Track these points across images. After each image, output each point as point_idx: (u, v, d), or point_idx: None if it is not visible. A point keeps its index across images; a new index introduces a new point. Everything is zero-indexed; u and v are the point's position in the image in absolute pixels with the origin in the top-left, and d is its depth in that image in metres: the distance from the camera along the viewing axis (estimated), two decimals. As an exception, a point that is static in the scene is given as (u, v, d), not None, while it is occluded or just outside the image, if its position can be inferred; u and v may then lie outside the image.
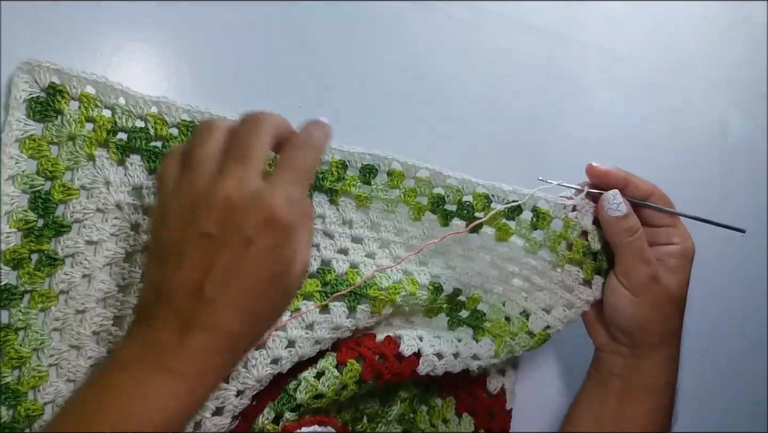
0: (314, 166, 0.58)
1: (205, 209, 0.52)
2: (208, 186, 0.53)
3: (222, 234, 0.52)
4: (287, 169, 0.55)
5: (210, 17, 0.74)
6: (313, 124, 0.59)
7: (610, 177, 0.73)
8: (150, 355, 0.52)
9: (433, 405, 0.82)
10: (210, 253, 0.52)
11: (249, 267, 0.52)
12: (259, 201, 0.52)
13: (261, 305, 0.54)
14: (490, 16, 0.88)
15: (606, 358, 0.78)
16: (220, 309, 0.52)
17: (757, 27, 1.08)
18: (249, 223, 0.52)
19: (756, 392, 1.08)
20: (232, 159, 0.54)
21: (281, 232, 0.53)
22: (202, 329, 0.52)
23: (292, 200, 0.53)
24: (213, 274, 0.52)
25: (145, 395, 0.51)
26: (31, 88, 0.60)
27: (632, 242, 0.72)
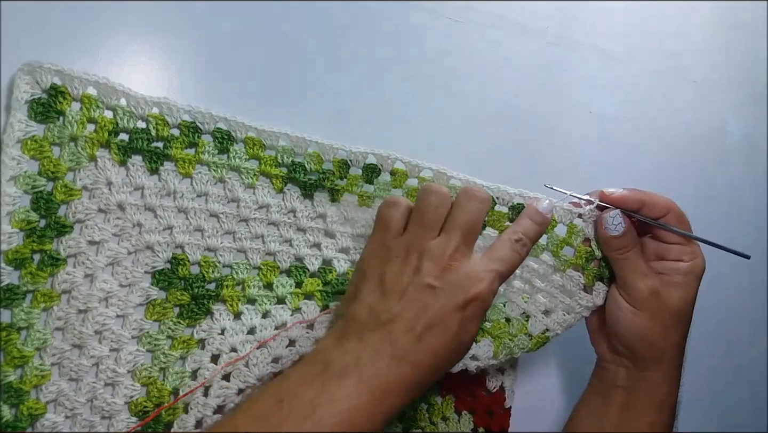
0: (518, 265, 0.67)
1: (432, 266, 0.61)
2: (436, 248, 0.62)
3: (442, 288, 0.60)
4: (500, 261, 0.64)
5: (211, 18, 0.74)
6: (533, 220, 0.70)
7: (625, 202, 0.74)
8: (367, 373, 0.57)
9: (433, 403, 0.82)
10: (428, 301, 0.60)
11: (454, 326, 0.60)
12: (475, 276, 0.61)
13: (444, 363, 0.62)
14: (488, 17, 0.88)
15: (608, 369, 0.79)
16: (424, 351, 0.59)
17: (757, 27, 1.08)
18: (464, 290, 0.60)
19: (756, 392, 1.08)
20: (459, 230, 0.63)
21: (480, 310, 0.61)
22: (410, 364, 0.59)
23: (494, 289, 0.63)
24: (426, 319, 0.59)
25: (356, 407, 0.56)
26: (32, 90, 0.60)
27: (625, 258, 0.73)
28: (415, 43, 0.84)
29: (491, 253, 0.65)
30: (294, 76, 0.78)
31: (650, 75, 1.00)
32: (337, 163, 0.72)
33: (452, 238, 0.62)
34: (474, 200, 0.64)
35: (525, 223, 0.69)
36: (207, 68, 0.74)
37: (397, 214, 0.65)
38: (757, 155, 1.08)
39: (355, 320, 0.61)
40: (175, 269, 0.68)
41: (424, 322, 0.59)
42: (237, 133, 0.68)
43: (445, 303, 0.60)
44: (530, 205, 0.70)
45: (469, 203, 0.64)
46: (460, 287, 0.60)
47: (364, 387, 0.57)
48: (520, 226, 0.69)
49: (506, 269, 0.64)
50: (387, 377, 0.58)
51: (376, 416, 0.57)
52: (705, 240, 0.74)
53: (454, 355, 0.62)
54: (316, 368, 0.59)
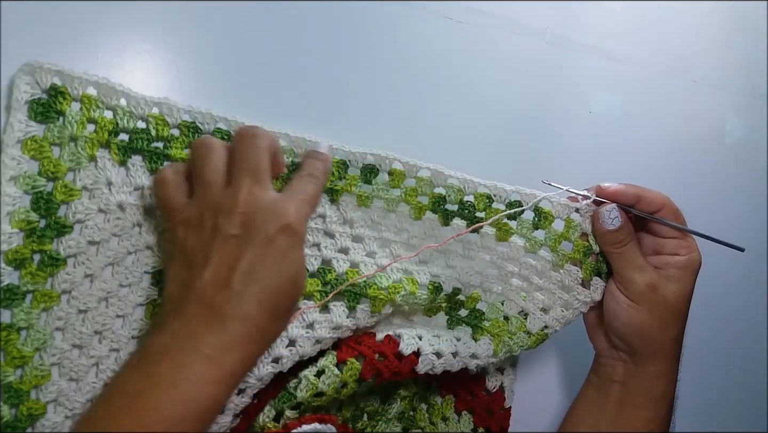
0: (319, 194, 0.68)
1: (227, 217, 0.59)
2: (225, 198, 0.60)
3: (246, 234, 0.59)
4: (298, 192, 0.64)
5: (212, 18, 0.74)
6: (315, 158, 0.69)
7: (621, 196, 0.74)
8: (188, 344, 0.56)
9: (433, 403, 0.82)
10: (236, 251, 0.59)
11: (271, 264, 0.59)
12: (276, 208, 0.60)
13: (281, 302, 0.61)
14: (489, 17, 0.88)
15: (606, 364, 0.79)
16: (248, 300, 0.58)
17: (757, 27, 1.08)
18: (269, 226, 0.59)
19: (756, 392, 1.08)
20: (244, 173, 0.61)
21: (295, 237, 0.61)
22: (234, 318, 0.57)
23: (303, 215, 0.63)
24: (240, 268, 0.58)
25: (185, 380, 0.55)
26: (32, 90, 0.60)
27: (622, 252, 0.74)
28: (415, 43, 0.84)
29: (287, 187, 0.65)
30: (294, 76, 0.78)
31: (650, 75, 1.00)
32: (336, 163, 0.72)
33: (240, 182, 0.60)
34: (246, 139, 0.63)
35: (309, 162, 0.69)
36: (208, 68, 0.74)
37: (170, 190, 0.63)
38: (757, 155, 1.08)
39: (169, 300, 0.60)
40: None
41: (238, 273, 0.58)
42: (237, 133, 0.68)
43: (254, 246, 0.59)
44: (309, 150, 0.70)
45: (243, 144, 0.63)
46: (265, 224, 0.59)
47: (188, 359, 0.55)
48: (305, 165, 0.68)
49: (307, 196, 0.65)
50: (215, 340, 0.56)
51: (214, 380, 0.56)
52: (699, 233, 0.75)
53: (288, 288, 0.61)
54: (136, 358, 0.58)
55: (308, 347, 0.69)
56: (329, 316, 0.71)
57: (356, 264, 0.74)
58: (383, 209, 0.75)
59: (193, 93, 0.73)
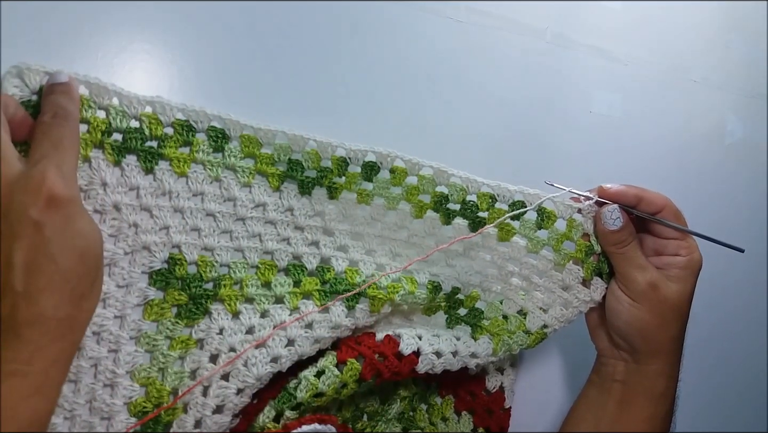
0: (75, 134, 0.58)
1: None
2: None
3: (7, 228, 0.52)
4: (48, 145, 0.55)
5: (212, 18, 0.74)
6: (53, 92, 0.59)
7: (623, 197, 0.75)
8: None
9: (433, 403, 0.82)
10: (4, 248, 0.52)
11: (51, 249, 0.52)
12: (29, 183, 0.52)
13: (79, 283, 0.54)
14: (489, 17, 0.88)
15: (607, 363, 0.79)
16: (38, 299, 0.52)
17: (757, 28, 1.08)
18: (30, 207, 0.51)
19: (756, 392, 1.07)
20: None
21: (67, 206, 0.53)
22: (28, 324, 0.52)
23: (65, 173, 0.54)
24: (16, 268, 0.51)
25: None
26: (21, 92, 0.59)
27: (624, 252, 0.74)
28: (416, 43, 0.85)
29: (34, 146, 0.56)
30: (294, 74, 0.78)
31: (650, 75, 1.00)
32: (336, 160, 0.72)
33: None
34: None
35: (48, 100, 0.58)
36: (208, 68, 0.74)
37: None
38: (757, 155, 1.08)
39: None
40: (173, 269, 0.68)
41: (16, 272, 0.51)
42: (232, 131, 0.68)
43: (22, 237, 0.51)
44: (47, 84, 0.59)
45: None
46: (24, 207, 0.51)
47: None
48: (45, 104, 0.58)
49: (57, 148, 0.55)
50: (13, 354, 0.51)
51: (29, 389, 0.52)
52: (700, 234, 0.75)
53: (80, 266, 0.54)
54: None
55: (307, 346, 0.69)
56: (328, 315, 0.71)
57: (355, 262, 0.74)
58: (383, 207, 0.74)
59: (193, 92, 0.73)
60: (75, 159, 0.57)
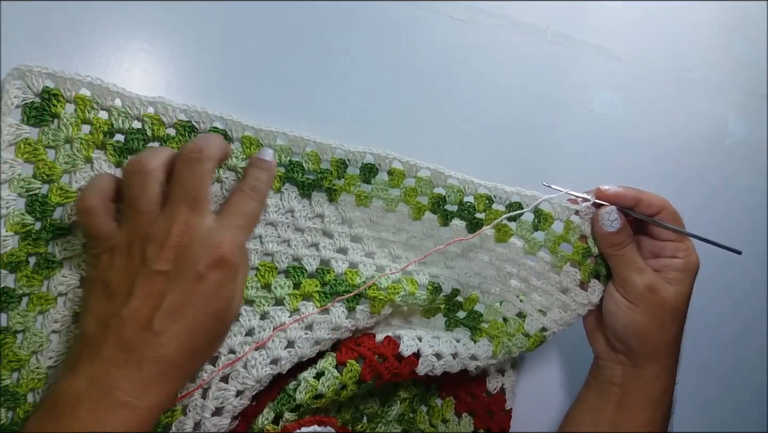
0: (259, 213, 0.65)
1: (158, 250, 0.56)
2: (158, 228, 0.57)
3: (175, 270, 0.56)
4: (237, 215, 0.61)
5: (210, 17, 0.74)
6: (259, 167, 0.66)
7: (621, 198, 0.74)
8: (103, 392, 0.53)
9: (433, 405, 0.82)
10: (161, 288, 0.56)
11: (198, 302, 0.57)
12: (210, 241, 0.57)
13: (203, 339, 0.59)
14: (489, 16, 0.88)
15: (605, 367, 0.79)
16: (167, 342, 0.56)
17: (757, 27, 1.08)
18: (201, 261, 0.57)
19: (756, 393, 1.08)
20: (181, 202, 0.57)
21: (228, 271, 0.58)
22: (151, 361, 0.55)
23: (239, 244, 0.60)
24: (163, 308, 0.55)
25: (102, 430, 0.53)
26: (24, 94, 0.59)
27: (621, 254, 0.74)
28: (415, 42, 0.84)
29: (225, 209, 0.62)
30: (292, 74, 0.78)
31: (651, 74, 1.00)
32: (335, 162, 0.71)
33: (175, 213, 0.57)
34: (189, 163, 0.58)
35: (253, 172, 0.65)
36: (206, 67, 0.74)
37: (96, 220, 0.58)
38: (758, 155, 1.08)
39: (85, 336, 0.57)
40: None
41: (161, 313, 0.55)
42: (234, 132, 0.68)
43: (181, 283, 0.56)
44: (253, 157, 0.66)
45: (185, 168, 0.58)
46: (196, 260, 0.56)
47: (104, 408, 0.53)
48: (248, 176, 0.65)
49: (245, 221, 0.62)
50: (129, 385, 0.54)
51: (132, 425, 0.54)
52: (697, 236, 0.75)
53: (212, 329, 0.59)
54: (49, 407, 0.54)
55: (307, 348, 0.69)
56: (328, 317, 0.70)
57: (355, 264, 0.74)
58: (382, 209, 0.74)
59: (191, 91, 0.73)
60: (250, 231, 0.64)
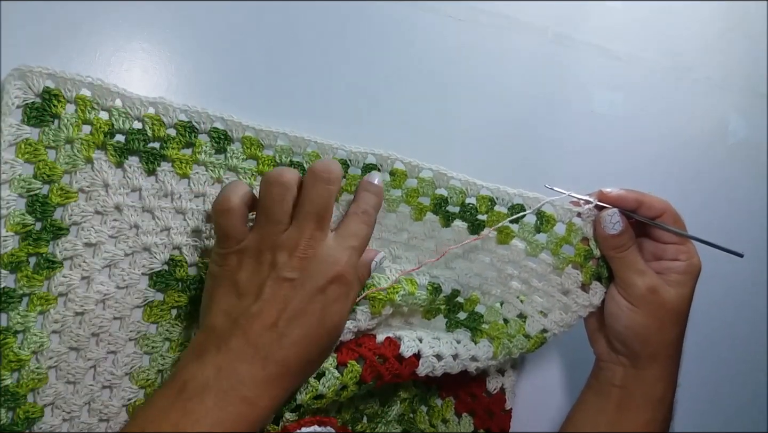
0: (369, 236, 0.67)
1: (286, 258, 0.61)
2: (288, 239, 0.61)
3: (301, 279, 0.61)
4: (352, 237, 0.65)
5: (210, 17, 0.74)
6: (368, 191, 0.69)
7: (623, 201, 0.75)
8: (229, 384, 0.57)
9: (433, 405, 0.82)
10: (287, 294, 0.60)
11: (317, 312, 0.61)
12: (332, 258, 0.62)
13: (315, 350, 0.63)
14: (489, 16, 0.88)
15: (606, 368, 0.79)
16: (288, 345, 0.60)
17: (757, 27, 1.08)
18: (323, 275, 0.61)
19: (756, 394, 1.08)
20: (310, 218, 0.62)
21: (344, 288, 0.63)
22: (275, 362, 0.59)
23: (354, 264, 0.64)
24: (288, 312, 0.60)
25: (224, 422, 0.56)
26: (24, 95, 0.59)
27: (623, 256, 0.74)
28: (415, 42, 0.84)
29: (343, 230, 0.65)
30: (292, 74, 0.78)
31: (652, 74, 1.00)
32: (337, 162, 0.71)
33: (304, 227, 0.62)
34: (320, 182, 0.63)
35: (364, 196, 0.68)
36: (207, 67, 0.74)
37: (234, 221, 0.62)
38: (758, 155, 1.08)
39: (213, 329, 0.60)
40: (173, 271, 0.68)
41: (286, 316, 0.59)
42: (234, 132, 0.68)
43: (305, 292, 0.60)
44: (363, 180, 0.70)
45: (316, 187, 0.63)
46: (319, 273, 0.61)
47: (228, 399, 0.56)
48: (360, 200, 0.68)
49: (359, 243, 0.65)
50: (252, 382, 0.58)
51: (249, 422, 0.57)
52: (699, 239, 0.75)
53: (324, 341, 0.63)
54: (175, 389, 0.57)
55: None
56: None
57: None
58: (383, 209, 0.74)
59: (191, 91, 0.73)
60: (362, 252, 0.67)
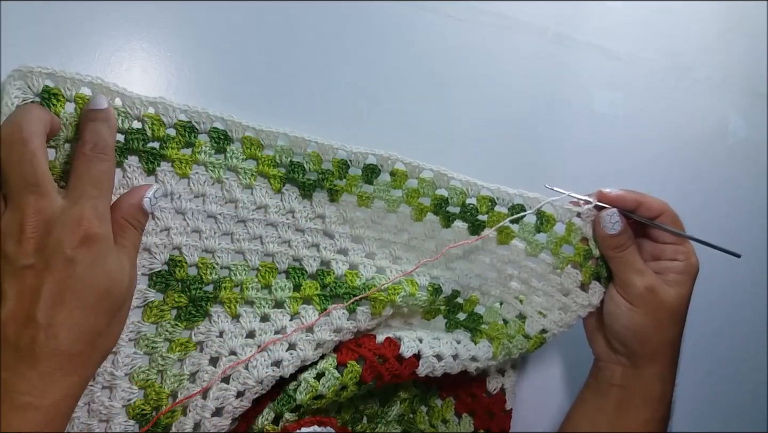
0: (111, 171, 0.59)
1: (16, 245, 0.53)
2: (8, 225, 0.53)
3: (41, 261, 0.53)
4: (85, 182, 0.56)
5: (210, 17, 0.74)
6: (94, 120, 0.59)
7: (622, 201, 0.75)
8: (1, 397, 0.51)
9: (433, 406, 0.82)
10: (34, 282, 0.53)
11: (77, 286, 0.54)
12: (69, 222, 0.54)
13: (98, 321, 0.56)
14: (489, 16, 0.88)
15: (605, 368, 0.80)
16: (57, 333, 0.53)
17: (757, 27, 1.08)
18: (66, 244, 0.53)
19: (756, 394, 1.08)
20: (23, 191, 0.53)
21: (99, 245, 0.55)
22: (45, 356, 0.52)
23: (100, 214, 0.56)
24: (42, 300, 0.52)
25: None
26: (24, 94, 0.59)
27: (622, 256, 0.75)
28: (415, 42, 0.84)
29: (73, 182, 0.56)
30: (292, 74, 0.78)
31: (652, 74, 1.00)
32: (337, 163, 0.71)
33: (22, 203, 0.53)
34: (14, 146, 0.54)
35: (90, 128, 0.59)
36: (206, 67, 0.74)
37: None
38: (758, 155, 1.08)
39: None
40: (173, 271, 0.68)
41: (41, 306, 0.52)
42: (234, 132, 0.68)
43: (53, 271, 0.52)
44: (85, 108, 0.60)
45: (12, 155, 0.54)
46: (60, 244, 0.53)
47: (8, 411, 0.51)
48: (86, 133, 0.59)
49: (98, 186, 0.57)
50: (28, 385, 0.52)
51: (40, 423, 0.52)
52: (697, 239, 0.76)
53: (105, 305, 0.56)
54: None
55: (309, 350, 0.69)
56: (329, 319, 0.70)
57: (355, 266, 0.74)
58: (384, 210, 0.74)
59: (191, 91, 0.73)
60: (110, 195, 0.58)
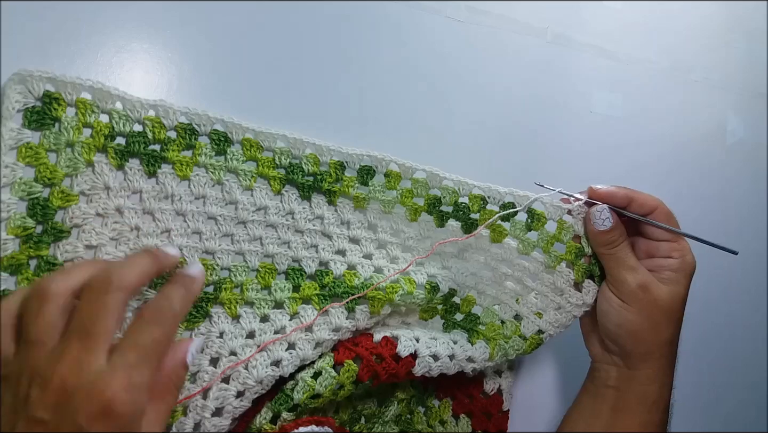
0: (164, 340, 0.54)
1: (40, 392, 0.49)
2: (45, 366, 0.49)
3: (54, 421, 0.48)
4: (130, 348, 0.51)
5: (211, 18, 0.74)
6: (175, 283, 0.58)
7: (612, 197, 0.74)
8: None
9: (430, 406, 0.82)
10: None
11: None
12: (95, 388, 0.48)
13: None
14: (489, 17, 0.88)
15: (600, 369, 0.78)
16: None
17: (756, 28, 1.08)
18: (83, 412, 0.48)
19: (756, 392, 1.08)
20: (73, 336, 0.50)
21: (117, 422, 0.49)
22: None
23: (134, 386, 0.50)
24: None
25: None
26: (25, 99, 0.59)
27: (614, 253, 0.73)
28: (414, 43, 0.84)
29: (121, 342, 0.52)
30: (292, 75, 0.78)
31: (651, 75, 1.00)
32: (334, 165, 0.72)
33: (65, 349, 0.49)
34: (94, 293, 0.52)
35: (164, 291, 0.57)
36: (207, 67, 0.74)
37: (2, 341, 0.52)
38: (757, 155, 1.08)
39: None
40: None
41: None
42: (234, 134, 0.68)
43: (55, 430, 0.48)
44: (178, 271, 0.60)
45: (85, 298, 0.52)
46: (79, 409, 0.48)
47: None
48: (157, 296, 0.57)
49: (142, 355, 0.52)
50: None
51: None
52: (692, 235, 0.75)
53: None
54: None
55: (308, 349, 0.69)
56: (328, 318, 0.71)
57: (353, 266, 0.74)
58: (380, 211, 0.75)
59: (192, 92, 0.73)
60: (155, 363, 0.53)
